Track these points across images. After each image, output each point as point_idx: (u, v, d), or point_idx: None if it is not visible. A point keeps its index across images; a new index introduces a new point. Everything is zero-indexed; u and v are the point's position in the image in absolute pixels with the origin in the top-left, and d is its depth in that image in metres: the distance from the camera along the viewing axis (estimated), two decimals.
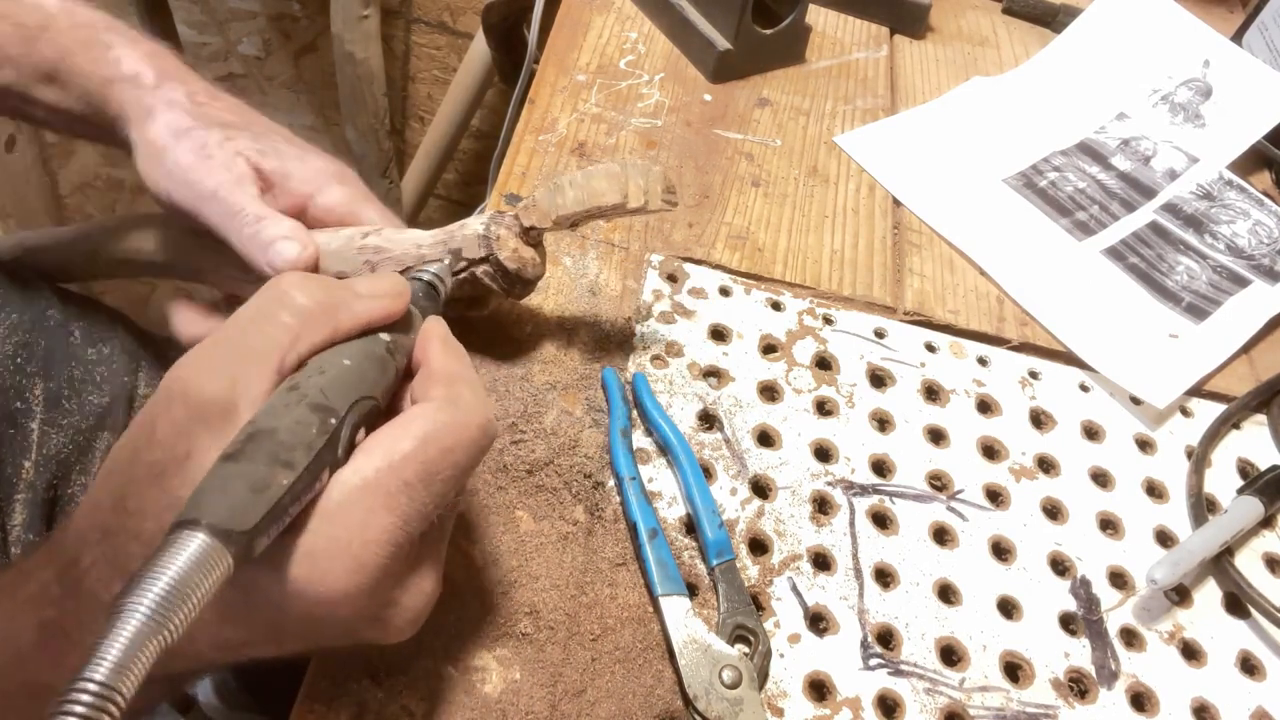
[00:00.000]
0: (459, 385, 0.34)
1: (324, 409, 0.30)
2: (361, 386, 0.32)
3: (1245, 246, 0.68)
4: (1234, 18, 0.90)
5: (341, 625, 0.32)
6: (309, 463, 0.29)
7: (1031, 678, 0.45)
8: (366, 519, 0.30)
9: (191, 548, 0.25)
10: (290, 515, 0.29)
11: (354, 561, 0.30)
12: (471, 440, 0.33)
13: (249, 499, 0.27)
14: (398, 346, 0.35)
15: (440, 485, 0.32)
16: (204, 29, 1.44)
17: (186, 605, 0.24)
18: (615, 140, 0.65)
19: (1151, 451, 0.56)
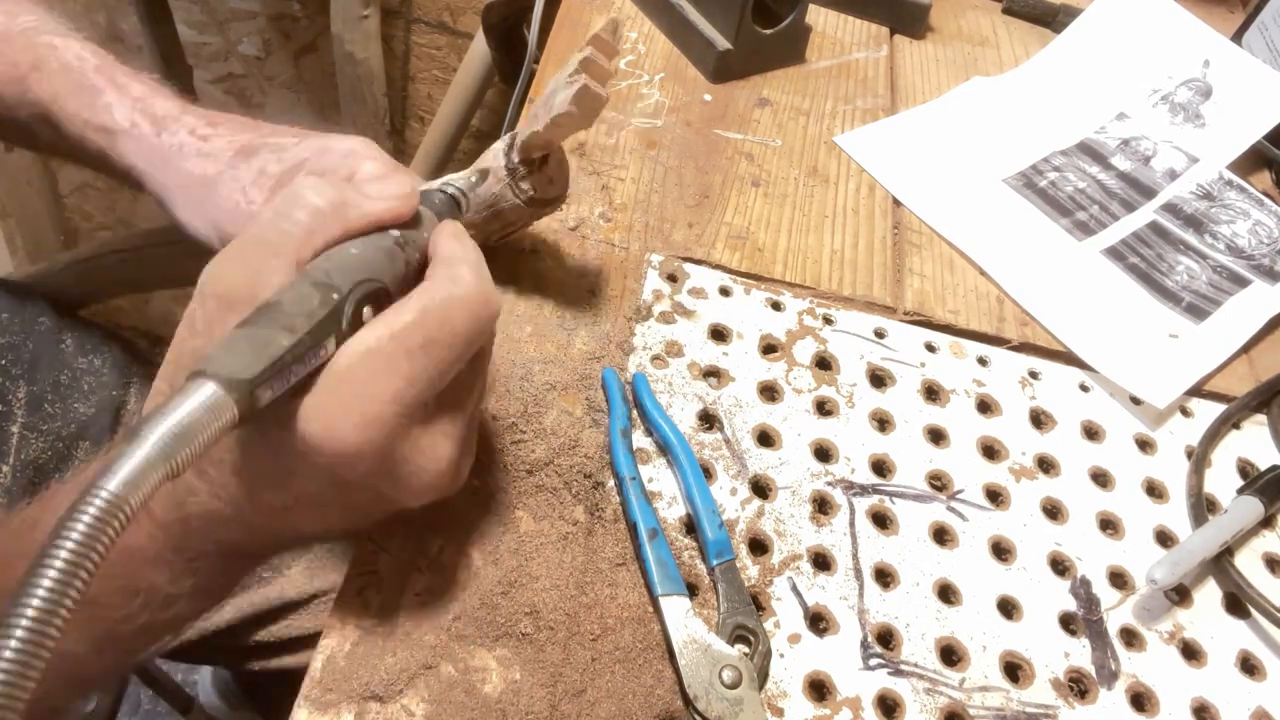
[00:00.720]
0: (459, 265, 0.37)
1: (326, 285, 0.33)
2: (366, 270, 0.35)
3: (1245, 246, 0.68)
4: (1234, 18, 0.90)
5: (362, 482, 0.34)
6: (310, 328, 0.32)
7: (1031, 678, 0.45)
8: (370, 379, 0.33)
9: (199, 393, 0.29)
10: (295, 375, 0.32)
11: (360, 416, 0.33)
12: (469, 312, 0.35)
13: (251, 353, 0.30)
14: (408, 241, 0.38)
15: (441, 352, 0.34)
16: (204, 29, 1.44)
17: (193, 441, 0.28)
18: (615, 140, 0.65)
19: (1151, 451, 0.56)
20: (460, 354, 0.35)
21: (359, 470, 0.34)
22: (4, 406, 0.61)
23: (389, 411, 0.33)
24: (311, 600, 0.68)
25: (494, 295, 0.37)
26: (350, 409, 0.33)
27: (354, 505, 0.37)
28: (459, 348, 0.35)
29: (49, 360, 0.64)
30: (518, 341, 0.51)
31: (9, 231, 1.47)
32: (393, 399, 0.33)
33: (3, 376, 0.62)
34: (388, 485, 0.35)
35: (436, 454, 0.36)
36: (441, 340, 0.34)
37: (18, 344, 0.63)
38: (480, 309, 0.36)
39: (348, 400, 0.33)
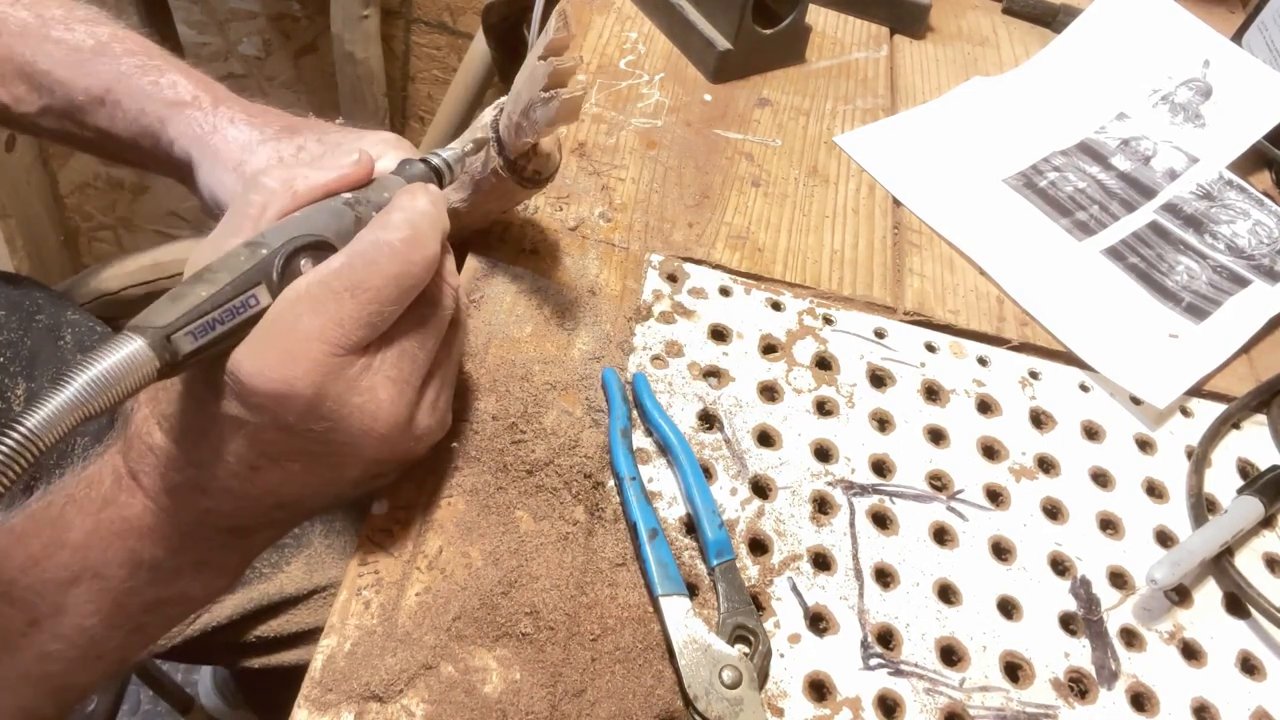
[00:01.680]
0: (393, 213, 0.38)
1: (256, 244, 0.36)
2: (303, 227, 0.37)
3: (1245, 246, 0.68)
4: (1234, 18, 0.90)
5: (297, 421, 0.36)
6: (231, 279, 0.35)
7: (1031, 678, 0.45)
8: (296, 319, 0.35)
9: (120, 344, 0.32)
10: (221, 323, 0.34)
11: (286, 354, 0.35)
12: (396, 253, 0.37)
13: (166, 305, 0.34)
14: (359, 201, 0.40)
15: (370, 294, 0.36)
16: (204, 29, 1.44)
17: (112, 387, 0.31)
18: (615, 140, 0.65)
19: (1151, 451, 0.56)
20: (392, 296, 0.37)
21: (294, 408, 0.35)
22: (3, 403, 0.61)
23: (315, 349, 0.35)
24: (311, 595, 0.68)
25: (427, 239, 0.38)
26: (276, 347, 0.35)
27: (312, 456, 0.38)
28: (389, 290, 0.36)
29: (47, 356, 0.64)
30: (518, 341, 0.51)
31: (9, 231, 1.46)
32: (318, 337, 0.35)
33: (2, 374, 0.62)
34: (328, 426, 0.36)
35: (377, 395, 0.37)
36: (368, 283, 0.36)
37: (16, 341, 0.63)
38: (410, 251, 0.37)
39: (274, 340, 0.35)
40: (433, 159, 0.45)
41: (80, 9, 0.56)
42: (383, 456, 0.39)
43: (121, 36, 0.55)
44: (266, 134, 0.52)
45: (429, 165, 0.45)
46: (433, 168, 0.45)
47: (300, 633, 0.68)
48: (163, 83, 0.53)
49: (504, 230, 0.57)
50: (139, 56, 0.54)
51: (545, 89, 0.44)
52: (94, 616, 0.39)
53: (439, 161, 0.45)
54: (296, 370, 0.35)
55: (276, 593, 0.67)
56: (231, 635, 0.67)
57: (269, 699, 0.95)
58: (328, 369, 0.35)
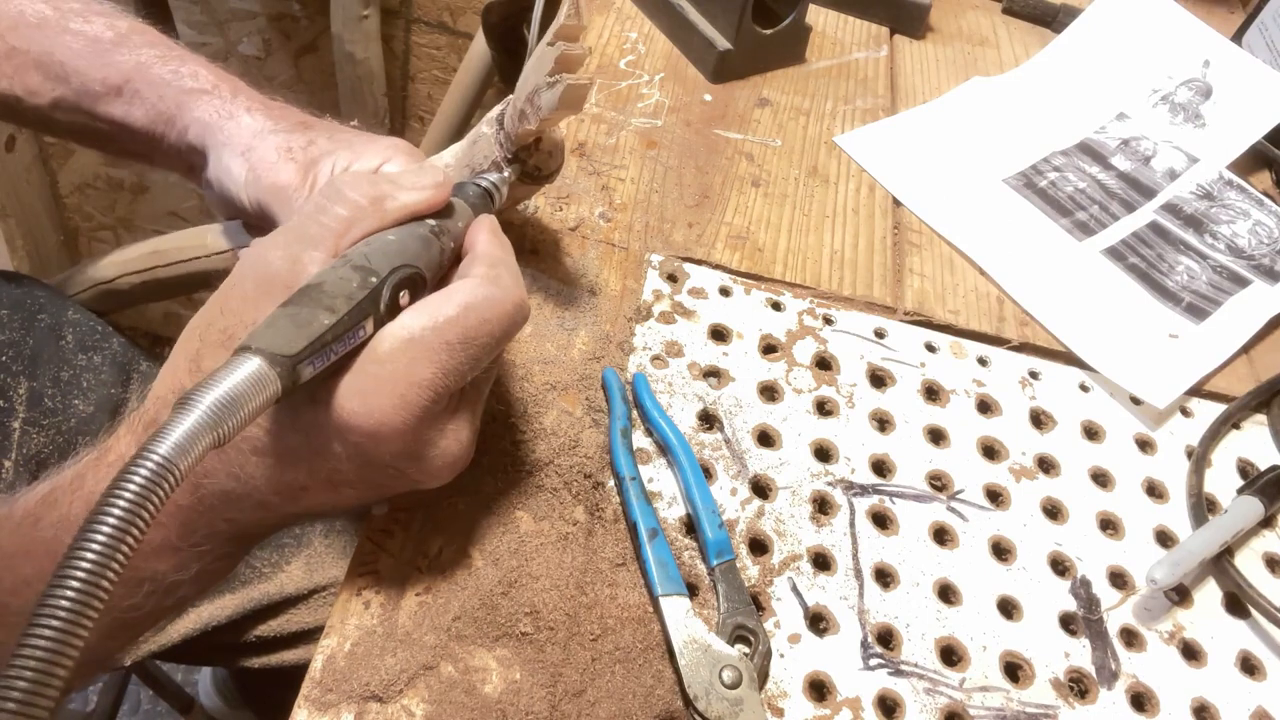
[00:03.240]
0: (500, 268, 0.39)
1: (365, 269, 0.35)
2: (403, 256, 0.37)
3: (1245, 246, 0.68)
4: (1234, 18, 0.90)
5: (388, 460, 0.36)
6: (349, 309, 0.34)
7: (1031, 678, 0.45)
8: (411, 365, 0.35)
9: (245, 367, 0.30)
10: (335, 353, 0.33)
11: (399, 399, 0.35)
12: (506, 314, 0.37)
13: (293, 331, 0.32)
14: (443, 230, 0.39)
15: (476, 349, 0.36)
16: (204, 29, 1.44)
17: (239, 412, 0.29)
18: (615, 140, 0.65)
19: (1151, 451, 0.56)
20: (492, 353, 0.38)
21: (389, 450, 0.36)
22: (5, 403, 0.61)
23: (425, 397, 0.35)
24: (311, 595, 0.68)
25: (527, 301, 0.39)
26: (389, 391, 0.35)
27: (373, 484, 0.38)
28: (492, 347, 0.37)
29: (49, 356, 0.64)
30: (518, 341, 0.51)
31: (9, 231, 1.46)
32: (429, 385, 0.35)
33: (3, 373, 0.62)
34: (413, 466, 0.37)
35: (460, 438, 0.38)
36: (478, 339, 0.36)
37: (18, 340, 0.63)
38: (516, 314, 0.38)
39: (387, 382, 0.35)
40: (483, 182, 0.45)
41: (97, 3, 0.56)
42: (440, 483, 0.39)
43: (141, 29, 0.55)
44: (279, 125, 0.52)
45: (481, 188, 0.45)
46: (485, 190, 0.45)
47: (300, 632, 0.68)
48: (183, 71, 0.53)
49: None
50: (159, 48, 0.54)
51: (551, 73, 0.44)
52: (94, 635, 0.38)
53: (489, 185, 0.45)
54: (404, 415, 0.35)
55: (277, 592, 0.67)
56: (231, 635, 0.67)
57: (269, 699, 0.95)
58: (428, 417, 0.36)
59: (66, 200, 1.58)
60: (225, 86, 0.53)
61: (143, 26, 0.56)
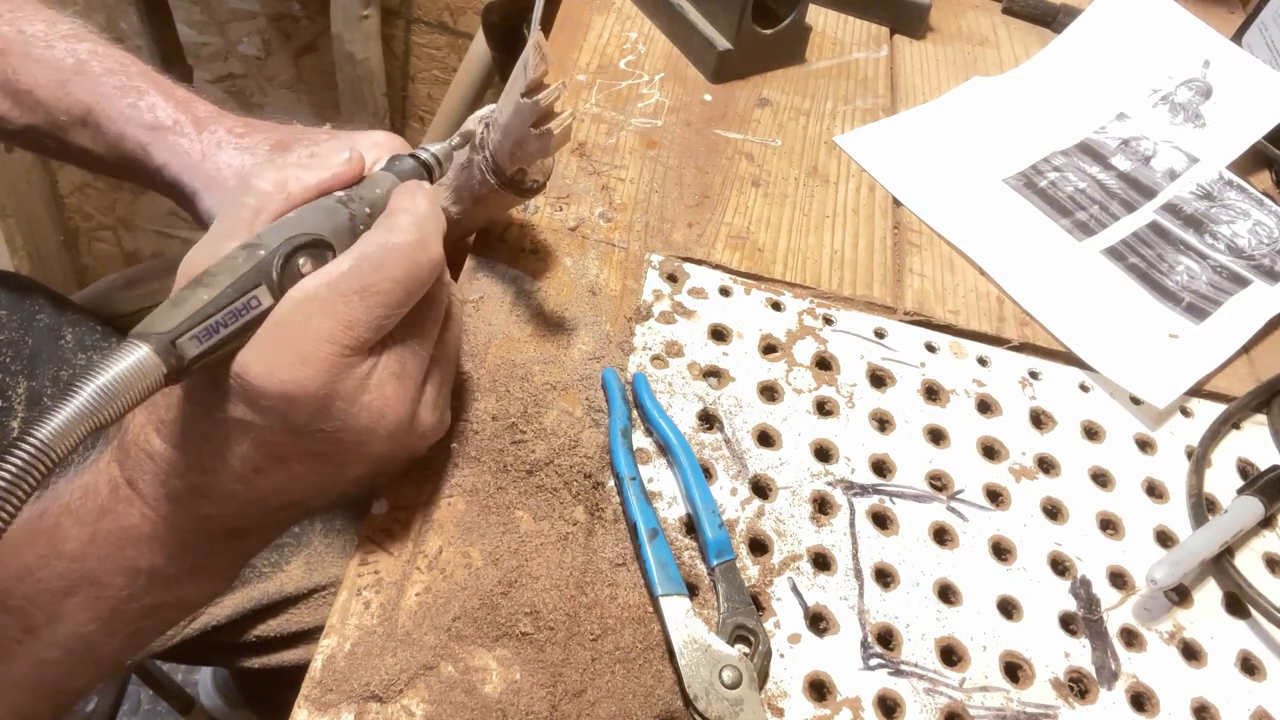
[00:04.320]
0: (398, 215, 0.39)
1: (254, 245, 0.36)
2: (300, 227, 0.37)
3: (1245, 246, 0.68)
4: (1234, 18, 0.90)
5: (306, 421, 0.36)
6: (231, 282, 0.35)
7: (1031, 678, 0.45)
8: (306, 321, 0.35)
9: (125, 352, 0.32)
10: (225, 326, 0.35)
11: (296, 355, 0.35)
12: (404, 256, 0.37)
13: (170, 311, 0.34)
14: (353, 198, 0.40)
15: (378, 297, 0.36)
16: (204, 29, 1.44)
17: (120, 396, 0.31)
18: (615, 140, 0.65)
19: (1151, 451, 0.56)
20: (399, 299, 0.37)
21: (303, 410, 0.36)
22: (4, 402, 0.61)
23: (325, 351, 0.35)
24: (311, 594, 0.68)
25: (431, 242, 0.38)
26: (286, 349, 0.35)
27: (318, 456, 0.38)
28: (396, 293, 0.37)
29: (48, 356, 0.64)
30: (518, 341, 0.51)
31: (9, 231, 1.47)
32: (328, 339, 0.35)
33: (3, 373, 0.62)
34: (336, 426, 0.37)
35: (384, 394, 0.37)
36: (377, 285, 0.36)
37: (17, 340, 0.63)
38: (417, 254, 0.37)
39: (284, 341, 0.35)
40: (422, 154, 0.45)
41: (63, 23, 0.56)
42: (387, 453, 0.39)
43: (101, 54, 0.54)
44: (258, 154, 0.51)
45: (419, 160, 0.45)
46: (422, 162, 0.45)
47: (300, 632, 0.68)
48: (142, 105, 0.52)
49: (504, 230, 0.57)
50: (118, 75, 0.53)
51: (536, 125, 0.44)
52: (91, 624, 0.39)
53: (428, 156, 0.45)
54: (309, 372, 0.35)
55: (276, 592, 0.67)
56: (231, 635, 0.67)
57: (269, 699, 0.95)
58: (338, 370, 0.36)
59: (66, 200, 1.58)
60: (187, 120, 0.52)
61: (104, 50, 0.55)
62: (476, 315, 0.52)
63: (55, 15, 0.56)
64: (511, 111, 0.45)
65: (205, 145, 0.52)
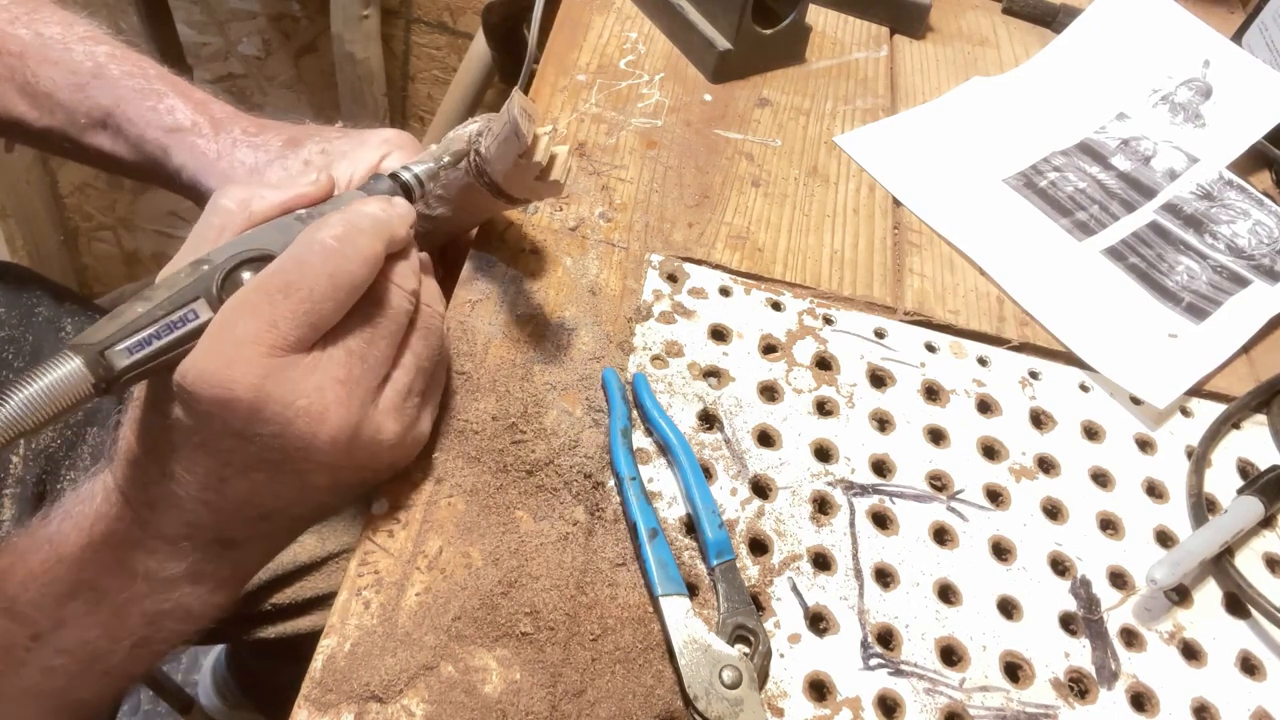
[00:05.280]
0: (331, 215, 0.39)
1: (200, 262, 0.37)
2: (251, 243, 0.38)
3: (1245, 246, 0.68)
4: (1234, 18, 0.90)
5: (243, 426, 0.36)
6: (170, 295, 0.36)
7: (1031, 678, 0.45)
8: (233, 322, 0.36)
9: (55, 363, 0.33)
10: (159, 338, 0.36)
11: (224, 358, 0.35)
12: (329, 251, 0.37)
13: (104, 323, 0.35)
14: (314, 215, 0.40)
15: (304, 293, 0.36)
16: (204, 29, 1.44)
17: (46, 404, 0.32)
18: (615, 140, 0.65)
19: (1151, 451, 0.56)
20: (326, 293, 0.37)
21: (238, 412, 0.36)
22: None
23: (250, 352, 0.35)
24: (325, 562, 0.69)
25: (361, 237, 0.38)
26: (215, 354, 0.35)
27: (271, 464, 0.38)
28: (322, 287, 0.36)
29: (50, 349, 0.64)
30: (518, 341, 0.51)
31: (9, 231, 1.46)
32: (253, 339, 0.35)
33: (5, 369, 0.62)
34: (275, 430, 0.36)
35: (324, 397, 0.37)
36: (301, 282, 0.36)
37: (18, 336, 0.63)
38: (343, 248, 0.37)
39: (213, 347, 0.36)
40: (403, 174, 0.45)
41: (80, 25, 0.56)
42: (342, 461, 0.38)
43: (119, 56, 0.55)
44: (271, 153, 0.52)
45: (397, 180, 0.44)
46: (402, 183, 0.44)
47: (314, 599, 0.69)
48: (161, 108, 0.53)
49: (504, 230, 0.57)
50: (137, 79, 0.54)
51: (539, 178, 0.45)
52: (94, 629, 0.40)
53: (410, 177, 0.45)
54: (234, 373, 0.35)
55: (290, 562, 0.68)
56: (246, 606, 0.68)
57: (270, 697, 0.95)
58: (266, 371, 0.35)
59: (66, 200, 1.58)
60: (205, 120, 0.53)
61: (121, 52, 0.55)
62: (476, 315, 0.52)
63: (71, 16, 0.56)
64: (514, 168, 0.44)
65: (221, 145, 0.52)
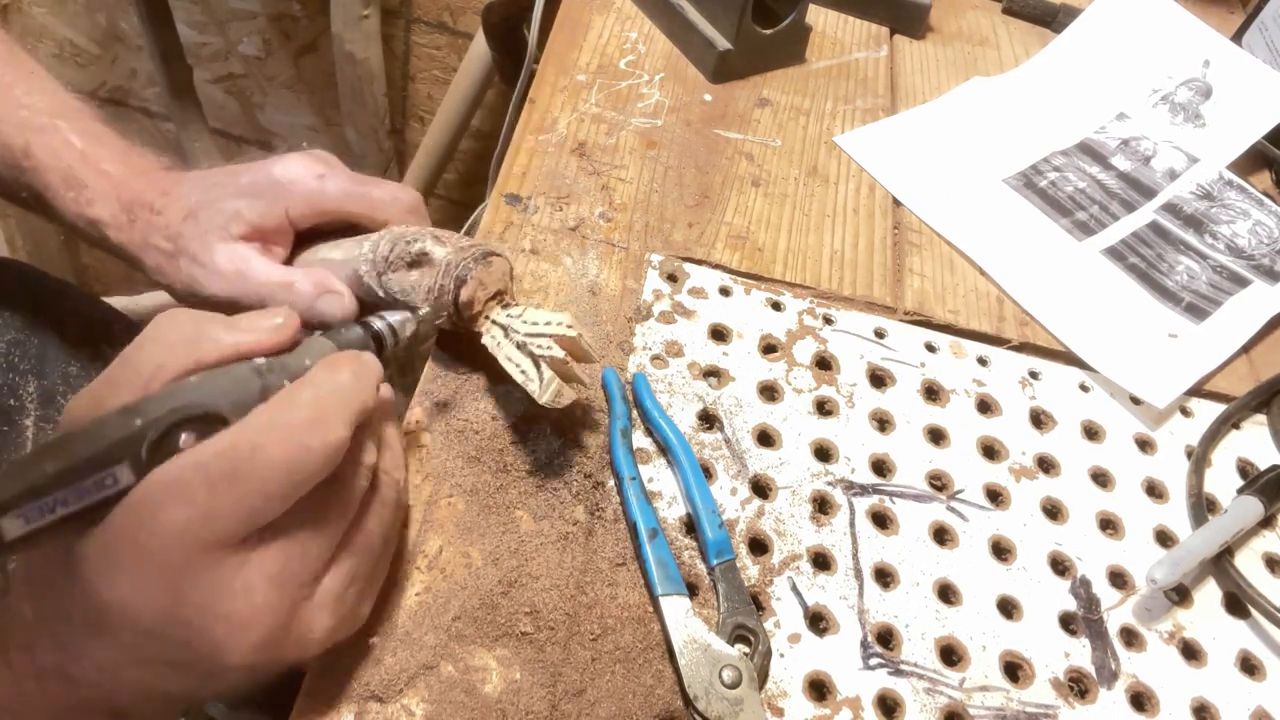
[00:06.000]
0: (301, 388, 0.34)
1: (130, 411, 0.31)
2: (196, 396, 0.32)
3: (1245, 246, 0.68)
4: (1234, 18, 0.90)
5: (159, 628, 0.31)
6: (89, 454, 0.30)
7: (1031, 678, 0.45)
8: (156, 511, 0.30)
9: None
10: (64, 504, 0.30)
11: (141, 551, 0.30)
12: (291, 439, 0.31)
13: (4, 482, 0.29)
14: (273, 368, 0.35)
15: (252, 484, 0.31)
16: (204, 29, 1.44)
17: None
18: (615, 140, 0.65)
19: (1151, 451, 0.56)
20: (278, 488, 0.32)
21: (146, 618, 0.31)
22: (16, 402, 0.61)
23: (174, 547, 0.30)
24: None
25: (330, 422, 0.33)
26: (129, 545, 0.30)
27: (176, 663, 0.33)
28: (274, 481, 0.31)
29: (55, 352, 0.64)
30: None
31: (9, 231, 1.47)
32: (180, 533, 0.30)
33: (12, 373, 0.62)
34: (187, 638, 0.31)
35: (252, 600, 0.32)
36: (251, 471, 0.31)
37: (24, 340, 0.63)
38: (307, 436, 0.32)
39: (130, 535, 0.30)
40: (375, 323, 0.40)
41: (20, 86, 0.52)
42: (260, 663, 0.33)
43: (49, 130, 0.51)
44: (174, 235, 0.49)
45: (369, 330, 0.40)
46: (374, 333, 0.40)
47: None
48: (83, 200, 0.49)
49: (504, 230, 0.57)
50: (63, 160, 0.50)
51: None
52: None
53: (382, 326, 0.40)
54: (148, 572, 0.30)
55: None
56: None
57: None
58: (187, 571, 0.31)
59: None
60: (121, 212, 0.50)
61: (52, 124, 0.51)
62: None
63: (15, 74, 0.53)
64: None
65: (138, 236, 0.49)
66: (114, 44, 1.47)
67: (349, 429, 0.33)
